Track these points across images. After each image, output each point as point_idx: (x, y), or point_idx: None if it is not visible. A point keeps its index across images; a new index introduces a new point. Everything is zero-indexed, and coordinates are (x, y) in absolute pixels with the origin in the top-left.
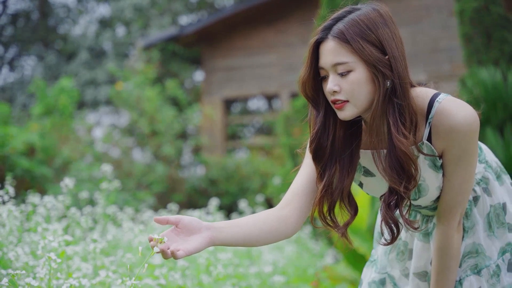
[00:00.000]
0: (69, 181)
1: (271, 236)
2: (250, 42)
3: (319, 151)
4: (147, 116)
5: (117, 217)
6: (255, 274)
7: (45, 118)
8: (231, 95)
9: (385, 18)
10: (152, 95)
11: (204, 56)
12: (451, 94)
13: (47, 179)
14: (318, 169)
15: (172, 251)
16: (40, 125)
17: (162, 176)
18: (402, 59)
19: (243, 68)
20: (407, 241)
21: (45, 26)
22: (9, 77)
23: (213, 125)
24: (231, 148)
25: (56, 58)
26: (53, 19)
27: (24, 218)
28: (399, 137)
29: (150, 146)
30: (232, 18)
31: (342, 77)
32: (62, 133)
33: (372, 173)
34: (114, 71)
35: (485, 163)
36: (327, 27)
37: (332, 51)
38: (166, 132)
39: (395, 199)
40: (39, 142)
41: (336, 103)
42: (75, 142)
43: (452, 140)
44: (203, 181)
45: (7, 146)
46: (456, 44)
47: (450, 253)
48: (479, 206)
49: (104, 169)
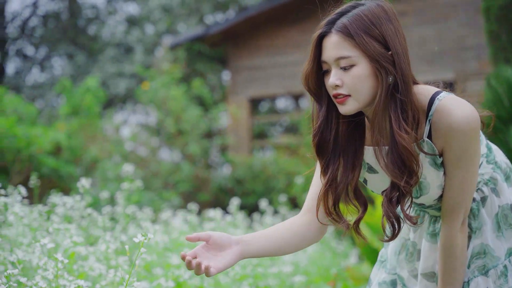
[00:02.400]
0: (86, 181)
1: (297, 243)
2: (275, 41)
3: (322, 145)
4: (173, 115)
5: (137, 217)
6: (274, 274)
7: (72, 118)
8: (257, 95)
9: (389, 14)
10: (178, 95)
11: (229, 56)
12: (469, 94)
13: (73, 179)
14: (322, 164)
15: (206, 267)
16: (67, 125)
17: (188, 175)
18: (405, 56)
19: (268, 67)
20: (416, 241)
21: (74, 27)
22: (40, 77)
23: (239, 124)
24: (258, 147)
25: (85, 58)
26: (82, 20)
27: (43, 217)
28: (400, 132)
29: (177, 146)
30: (257, 18)
31: (345, 72)
32: (89, 132)
33: (376, 170)
34: (141, 71)
35: (494, 164)
36: (331, 22)
37: (335, 45)
38: (192, 131)
39: (397, 194)
40: (65, 142)
41: (338, 97)
42: (103, 141)
43: (451, 138)
44: (229, 181)
45: (34, 145)
46: (484, 41)
47: (454, 253)
48: (487, 207)
49: (126, 169)
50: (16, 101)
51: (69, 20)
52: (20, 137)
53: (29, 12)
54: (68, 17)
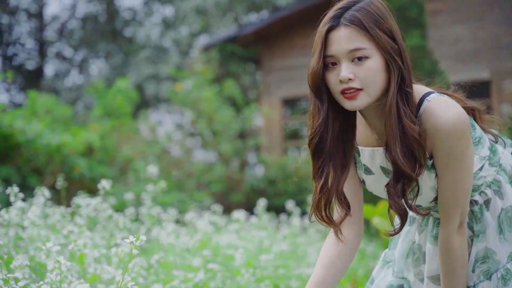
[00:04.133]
0: (106, 183)
1: (345, 261)
2: (308, 41)
3: (320, 146)
4: (206, 116)
5: (162, 218)
6: (297, 275)
7: (105, 119)
8: (290, 95)
9: (388, 10)
10: (210, 96)
11: (262, 56)
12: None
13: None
14: (317, 166)
15: None
16: (100, 126)
17: (221, 176)
18: (405, 51)
19: (301, 67)
20: (421, 244)
21: (112, 29)
22: (78, 79)
23: (272, 124)
24: (292, 147)
25: (121, 59)
26: (120, 22)
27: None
28: (410, 124)
29: (210, 146)
30: (290, 18)
31: (356, 65)
32: (121, 133)
33: (372, 171)
34: (174, 73)
35: (498, 166)
36: (337, 16)
37: (347, 38)
38: (224, 132)
39: (402, 186)
40: (98, 143)
41: (348, 92)
42: (136, 141)
43: (437, 140)
44: (262, 181)
45: (65, 147)
46: None
47: (452, 255)
48: (491, 210)
49: (151, 171)
50: (50, 103)
51: (106, 22)
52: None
53: (68, 15)
54: (106, 19)
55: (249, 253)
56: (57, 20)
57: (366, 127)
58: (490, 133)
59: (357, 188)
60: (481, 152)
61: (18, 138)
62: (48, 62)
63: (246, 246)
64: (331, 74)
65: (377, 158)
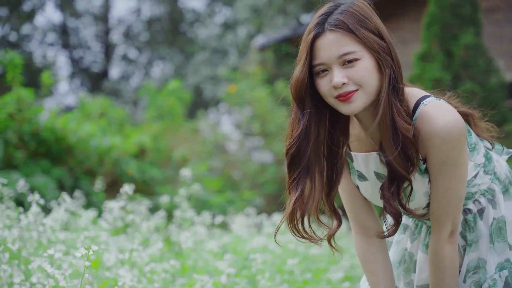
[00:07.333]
0: (128, 187)
1: (386, 260)
2: None
3: (297, 156)
4: (259, 117)
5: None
6: (327, 279)
7: (158, 120)
8: None
9: (371, 9)
10: (262, 97)
11: None
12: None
13: (156, 181)
14: (293, 178)
15: None
16: (153, 127)
17: (274, 176)
18: (394, 48)
19: None
20: (413, 252)
21: (175, 30)
22: (143, 81)
23: None
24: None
25: (182, 60)
26: (183, 23)
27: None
28: (404, 123)
29: (264, 147)
30: None
31: (348, 68)
32: (174, 134)
33: (365, 177)
34: (227, 75)
35: (493, 174)
36: (321, 22)
37: (335, 43)
38: (277, 132)
39: (396, 188)
40: (150, 144)
41: (344, 95)
42: (192, 142)
43: (432, 146)
44: None
45: (116, 149)
46: None
47: (441, 265)
48: (485, 219)
49: (183, 174)
50: (105, 105)
51: (170, 24)
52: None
53: (134, 17)
54: (169, 21)
55: (276, 256)
56: (123, 23)
57: (360, 132)
58: (485, 139)
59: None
60: (476, 159)
61: (70, 140)
62: (113, 64)
63: (274, 250)
64: (322, 81)
65: (371, 163)
